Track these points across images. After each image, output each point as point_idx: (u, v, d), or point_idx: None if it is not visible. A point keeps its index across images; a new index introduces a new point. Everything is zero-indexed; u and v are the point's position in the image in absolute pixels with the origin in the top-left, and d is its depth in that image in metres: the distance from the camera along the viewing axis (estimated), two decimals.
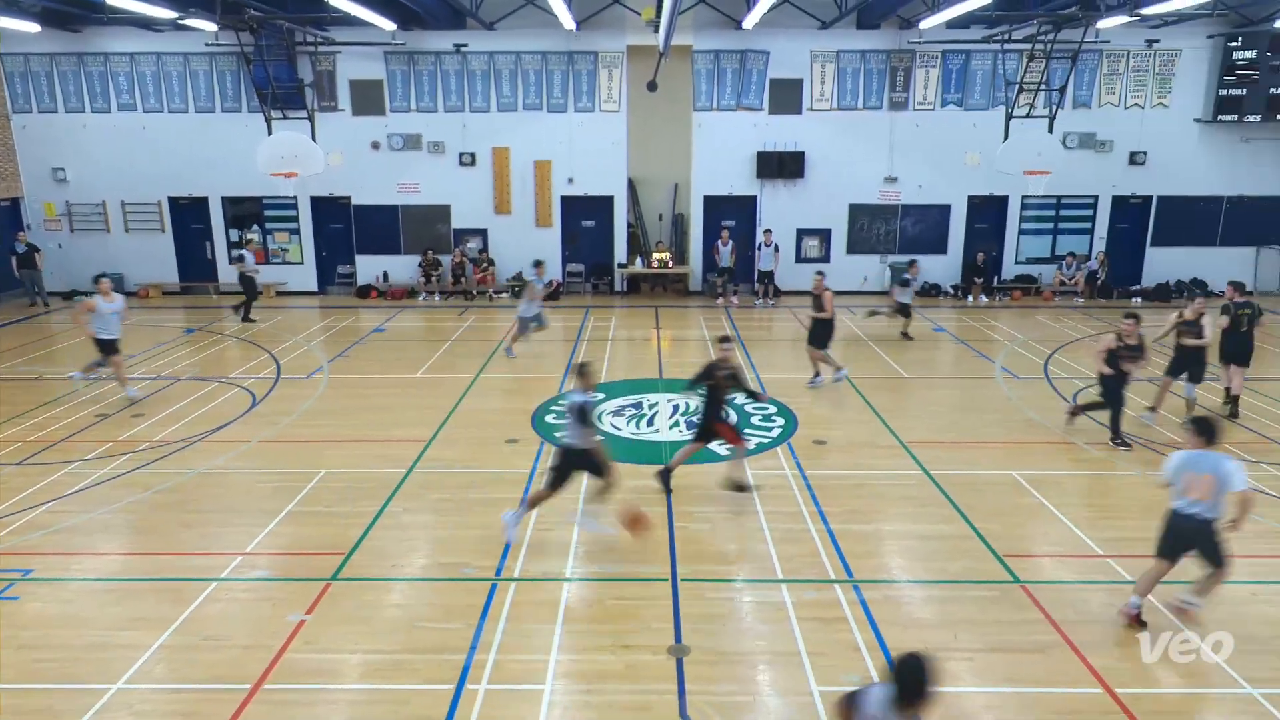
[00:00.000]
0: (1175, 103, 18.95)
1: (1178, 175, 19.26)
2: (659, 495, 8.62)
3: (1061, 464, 9.51)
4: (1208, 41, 18.50)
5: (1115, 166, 19.32)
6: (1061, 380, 12.83)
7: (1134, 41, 18.57)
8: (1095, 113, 19.05)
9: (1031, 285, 19.73)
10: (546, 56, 18.98)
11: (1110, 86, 18.98)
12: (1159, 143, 19.12)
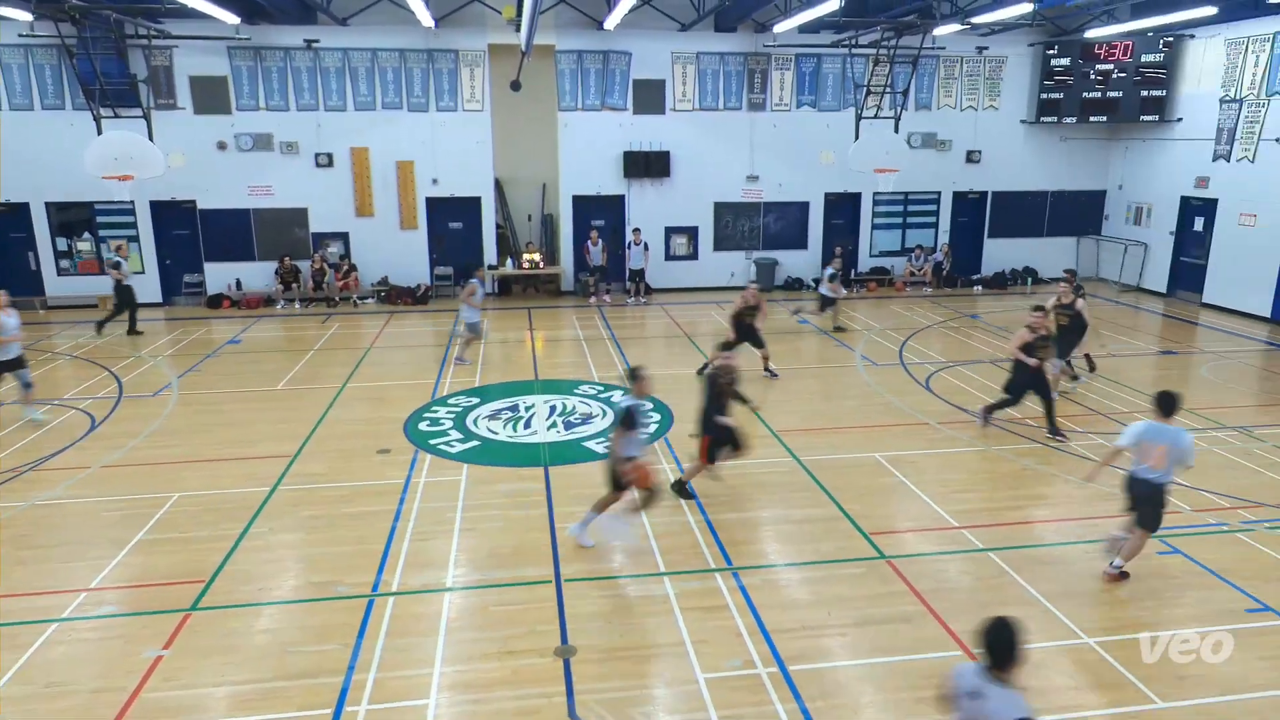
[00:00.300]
0: (1004, 105, 20.52)
1: (1008, 172, 20.87)
2: (537, 495, 8.57)
3: (917, 444, 10.12)
4: (1029, 49, 20.13)
5: (954, 164, 20.72)
6: (915, 365, 13.64)
7: (966, 48, 19.98)
8: (935, 114, 20.36)
9: (885, 277, 20.88)
10: (405, 54, 18.45)
11: (948, 90, 20.33)
12: (991, 142, 20.66)
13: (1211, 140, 18.00)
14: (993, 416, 10.55)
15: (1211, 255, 18.17)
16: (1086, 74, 19.51)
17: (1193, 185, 18.63)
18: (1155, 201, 19.85)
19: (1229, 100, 17.51)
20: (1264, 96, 16.70)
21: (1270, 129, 16.58)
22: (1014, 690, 3.73)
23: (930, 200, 21.06)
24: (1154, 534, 6.93)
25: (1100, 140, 20.96)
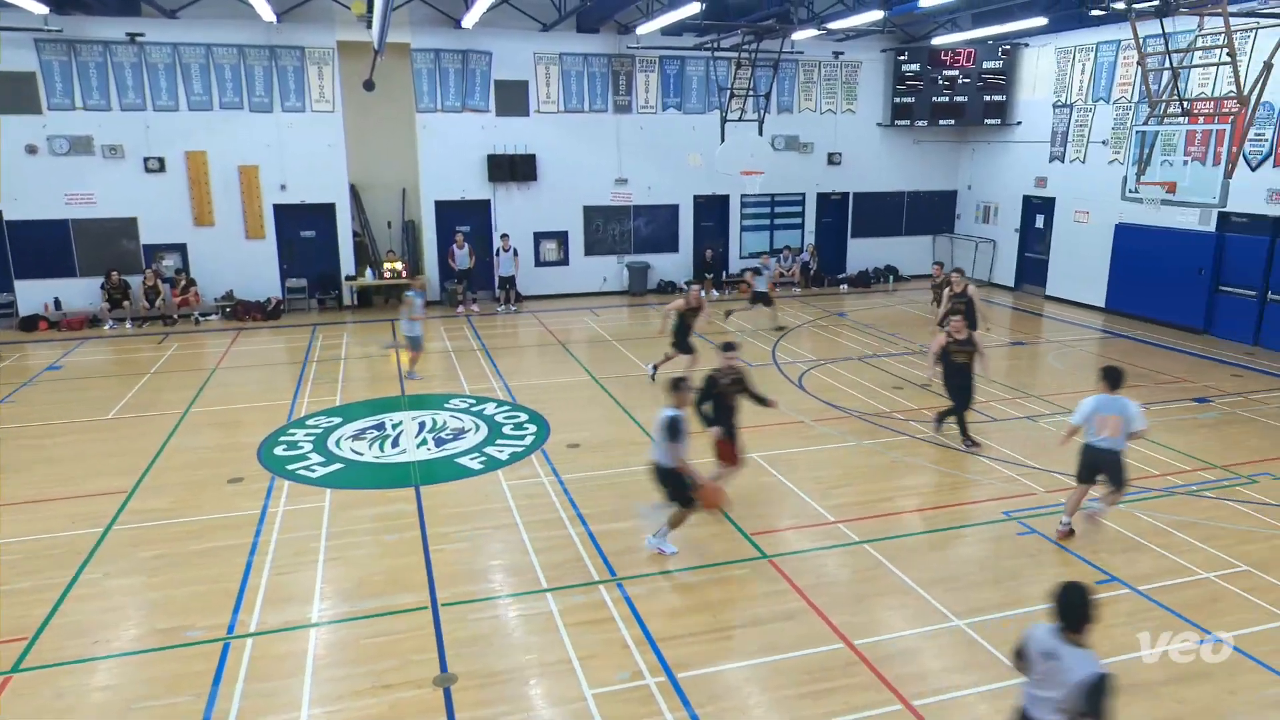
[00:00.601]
0: (861, 109, 21.63)
1: (868, 174, 22.01)
2: (408, 517, 8.32)
3: (793, 442, 10.48)
4: (881, 55, 21.33)
5: (817, 166, 21.66)
6: (788, 364, 14.14)
7: (824, 53, 20.94)
8: (797, 117, 21.22)
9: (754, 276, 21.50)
10: (244, 50, 17.51)
11: (808, 93, 21.24)
12: (851, 144, 21.73)
13: (1048, 143, 19.62)
14: (944, 424, 10.49)
15: (1052, 250, 19.79)
16: (935, 79, 20.85)
17: (1033, 185, 20.24)
18: (1001, 200, 21.44)
19: (1061, 105, 19.15)
20: (1091, 102, 18.36)
21: (1097, 132, 18.25)
22: (1086, 649, 4.03)
23: (795, 202, 21.90)
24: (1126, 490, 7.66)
25: (950, 142, 22.44)
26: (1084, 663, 3.95)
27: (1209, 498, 8.81)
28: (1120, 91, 17.62)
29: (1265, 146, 14.74)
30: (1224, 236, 15.64)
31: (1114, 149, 17.76)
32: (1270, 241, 14.86)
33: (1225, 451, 10.03)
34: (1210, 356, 14.50)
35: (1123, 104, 17.57)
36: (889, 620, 6.63)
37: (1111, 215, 17.58)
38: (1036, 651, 4.10)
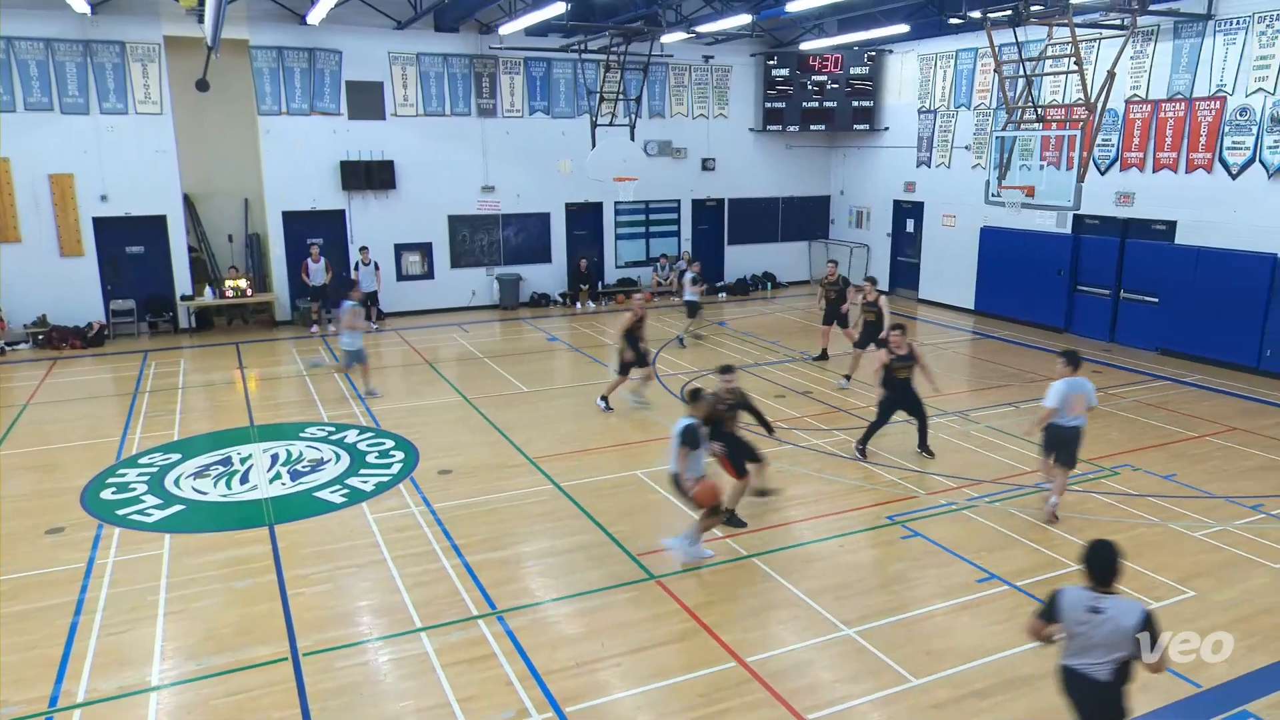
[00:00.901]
0: (733, 113, 22.29)
1: (742, 180, 22.68)
2: (262, 560, 7.90)
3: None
4: (751, 59, 22.07)
5: (691, 172, 22.14)
6: (669, 376, 14.34)
7: (694, 57, 21.46)
8: (670, 122, 21.64)
9: (633, 288, 21.78)
10: (52, 45, 16.31)
11: (679, 98, 21.71)
12: (724, 150, 22.34)
13: (915, 148, 20.80)
14: (867, 447, 10.59)
15: (923, 254, 20.95)
16: (804, 84, 21.75)
17: (902, 189, 21.40)
18: (873, 205, 22.55)
19: (926, 111, 20.36)
20: (953, 108, 19.60)
21: (960, 137, 19.49)
22: (1124, 598, 4.48)
23: (671, 209, 22.31)
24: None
25: (822, 148, 23.43)
26: (1129, 609, 4.44)
27: (1077, 491, 9.50)
28: (980, 98, 18.89)
29: (1112, 151, 16.14)
30: (1080, 238, 17.00)
31: (976, 154, 19.01)
32: (1120, 242, 16.26)
33: (1089, 446, 10.82)
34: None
35: (982, 110, 18.84)
36: (780, 634, 6.80)
37: (977, 219, 18.79)
38: (1078, 610, 4.49)
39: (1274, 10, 13.53)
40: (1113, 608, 4.44)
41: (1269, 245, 13.85)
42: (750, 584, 7.55)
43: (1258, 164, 13.95)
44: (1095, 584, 4.52)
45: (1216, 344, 14.62)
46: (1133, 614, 4.39)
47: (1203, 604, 7.15)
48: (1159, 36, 15.17)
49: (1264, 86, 13.74)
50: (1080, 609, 4.49)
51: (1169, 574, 7.60)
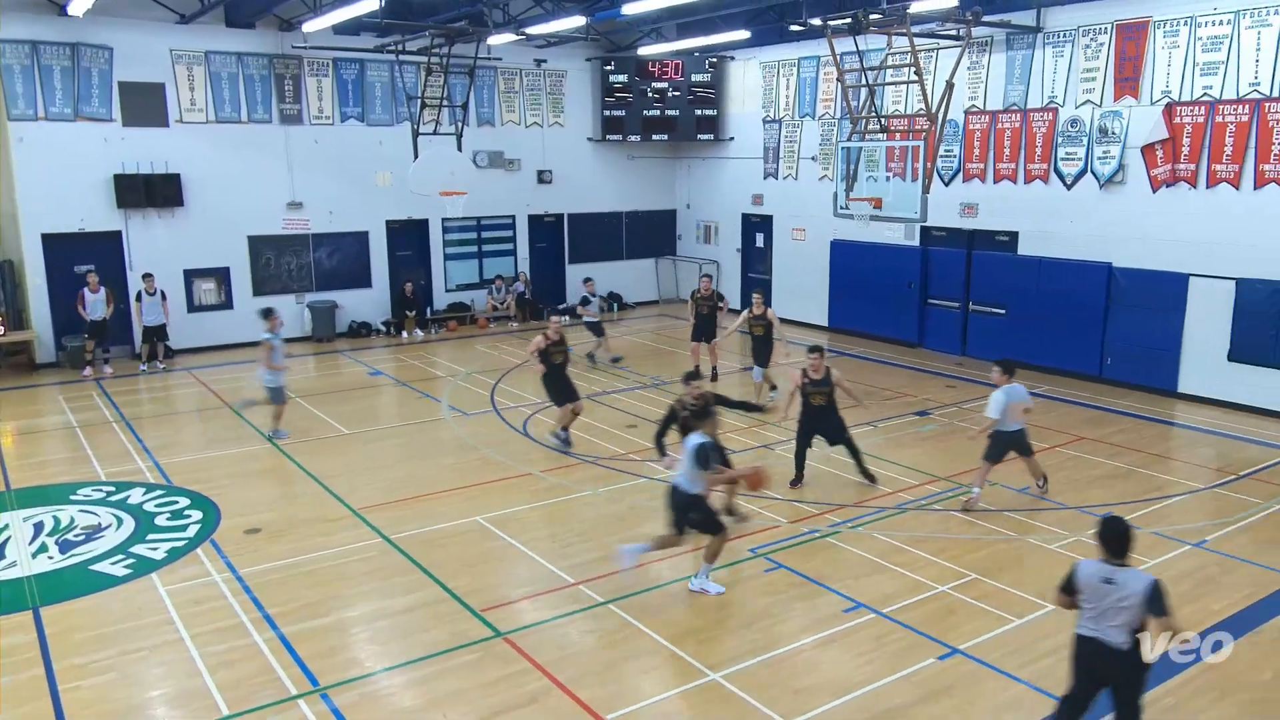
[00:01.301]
0: (569, 122, 22.54)
1: (582, 193, 22.93)
2: (26, 650, 7.21)
3: (522, 498, 10.55)
4: (587, 64, 22.42)
5: (526, 185, 22.18)
6: (510, 410, 14.22)
7: (525, 60, 21.58)
8: (500, 130, 21.62)
9: (465, 313, 21.52)
10: None
11: (510, 104, 21.74)
12: (561, 161, 22.53)
13: (761, 159, 21.70)
14: (803, 476, 10.86)
15: (774, 270, 21.83)
16: (644, 91, 22.29)
17: (750, 202, 22.26)
18: (721, 219, 23.33)
19: (770, 121, 21.31)
20: (798, 118, 20.62)
21: (806, 148, 20.51)
22: (1136, 569, 5.33)
23: (505, 225, 22.25)
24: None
25: (665, 159, 24.05)
26: (1140, 577, 5.28)
27: (938, 511, 10.10)
28: (824, 107, 19.97)
29: (954, 162, 17.43)
30: (928, 250, 18.21)
31: (823, 165, 20.05)
32: (967, 254, 17.54)
33: (948, 463, 11.58)
34: (925, 369, 16.72)
35: (827, 120, 19.92)
36: (641, 686, 6.83)
37: (826, 232, 19.79)
38: (1094, 580, 5.35)
39: (1097, 24, 15.06)
40: (1125, 578, 5.28)
41: (1104, 254, 15.30)
42: (607, 633, 7.56)
43: (1090, 175, 15.42)
44: (1110, 556, 5.38)
45: (1061, 353, 15.97)
46: (1143, 582, 5.24)
47: (1062, 616, 7.71)
48: (993, 48, 16.57)
49: (1091, 99, 15.24)
50: (1096, 580, 5.35)
51: (1028, 589, 8.19)
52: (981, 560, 8.84)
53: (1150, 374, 14.83)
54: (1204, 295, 14.09)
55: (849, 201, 14.92)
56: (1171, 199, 14.40)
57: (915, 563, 8.78)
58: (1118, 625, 5.27)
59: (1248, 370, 13.72)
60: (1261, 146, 13.27)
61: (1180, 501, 10.41)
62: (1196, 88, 13.93)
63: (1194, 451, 12.35)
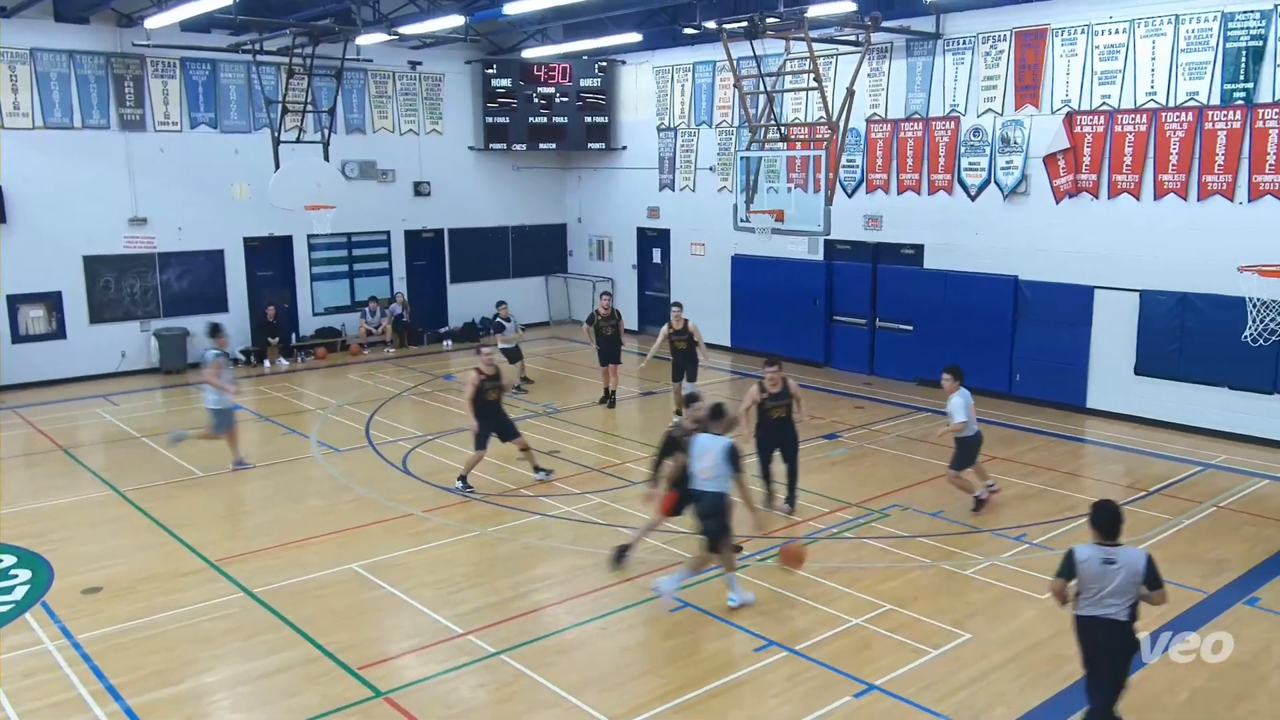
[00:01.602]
0: (449, 130, 22.38)
1: (463, 207, 22.77)
2: None
3: (402, 541, 10.35)
4: (467, 67, 22.34)
5: (402, 198, 21.91)
6: (387, 445, 13.95)
7: (399, 63, 21.36)
8: (372, 138, 21.32)
9: (336, 339, 21.05)
10: None
11: (382, 110, 21.46)
12: (441, 172, 22.34)
13: (656, 169, 21.97)
14: (773, 488, 11.04)
15: (672, 287, 22.06)
16: (530, 97, 22.33)
17: (646, 216, 22.48)
18: (615, 234, 23.48)
19: (665, 129, 21.61)
20: (694, 126, 20.97)
21: (704, 158, 20.87)
22: (1130, 547, 6.11)
23: (379, 242, 21.90)
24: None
25: (554, 169, 24.11)
26: (1137, 555, 6.06)
27: (849, 539, 10.32)
28: (721, 115, 20.37)
29: (857, 173, 18.00)
30: (832, 265, 18.71)
31: (722, 176, 20.42)
32: (872, 268, 18.09)
33: (858, 487, 11.86)
34: (833, 390, 17.12)
35: (725, 128, 20.32)
36: None
37: (727, 246, 20.12)
38: (1095, 564, 6.02)
39: (996, 31, 15.82)
40: (1123, 555, 6.02)
41: (1010, 267, 16.00)
42: (500, 686, 7.46)
43: (993, 185, 16.13)
44: (1104, 538, 6.07)
45: (969, 370, 16.28)
46: (1140, 559, 6.01)
47: (979, 645, 8.00)
48: (893, 54, 17.22)
49: (993, 107, 15.97)
50: (1096, 563, 6.02)
51: (944, 618, 8.43)
52: (896, 590, 9.06)
53: (1059, 390, 15.53)
54: (1109, 308, 14.86)
55: (749, 214, 15.21)
56: (1074, 210, 15.18)
57: (827, 595, 8.94)
58: (1119, 602, 5.99)
59: (1154, 384, 14.51)
60: (1160, 157, 14.12)
61: None
62: (1095, 97, 14.75)
63: (1105, 468, 12.97)
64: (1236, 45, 13.24)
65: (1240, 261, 10.67)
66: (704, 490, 8.50)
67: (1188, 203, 13.91)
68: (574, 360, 20.04)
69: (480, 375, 11.81)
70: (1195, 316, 13.84)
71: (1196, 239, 13.73)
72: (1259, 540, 10.20)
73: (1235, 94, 13.31)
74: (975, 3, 15.76)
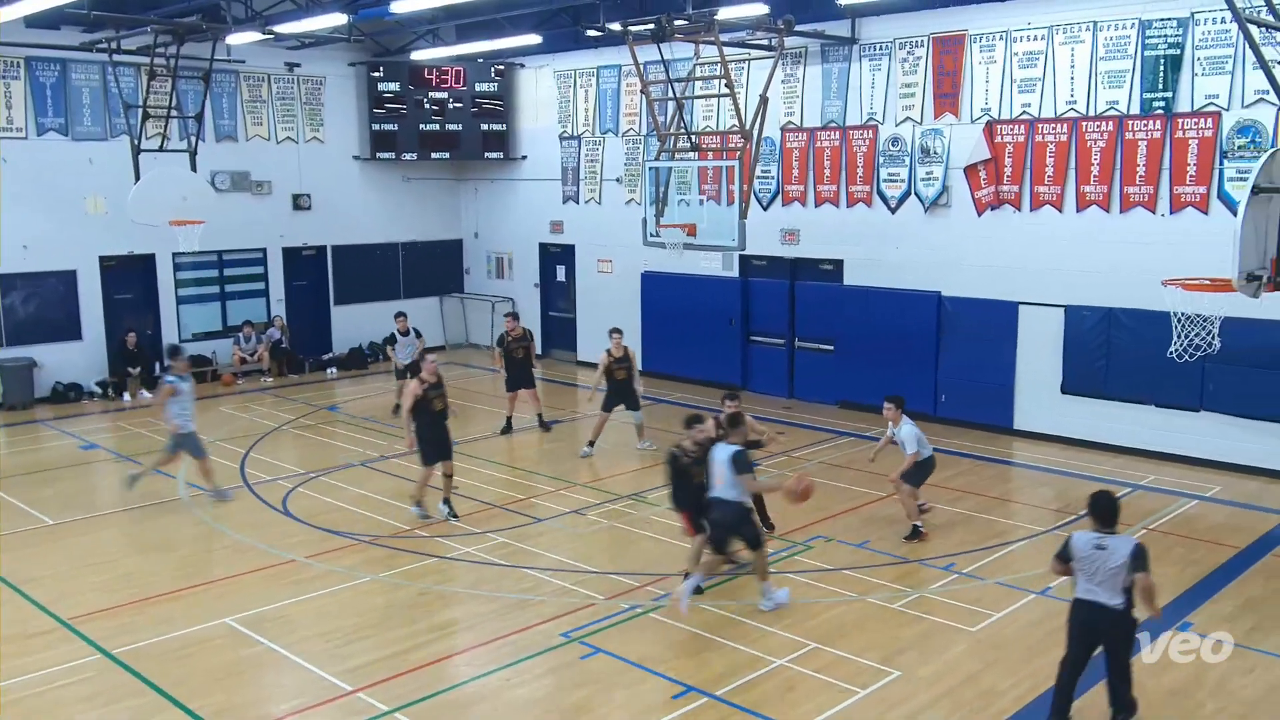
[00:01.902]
0: (331, 138, 22.11)
1: (348, 222, 22.48)
2: None
3: (284, 591, 10.12)
4: (351, 70, 22.12)
5: (279, 212, 21.53)
6: (265, 485, 13.63)
7: (274, 64, 21.05)
8: (245, 147, 20.93)
9: (207, 368, 20.52)
10: None
11: (257, 116, 21.10)
12: (323, 184, 22.03)
13: (559, 180, 22.03)
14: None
15: (579, 308, 22.10)
16: (420, 102, 22.20)
17: (548, 230, 22.51)
18: (515, 250, 23.45)
19: (568, 137, 21.70)
20: (599, 134, 21.11)
21: (610, 168, 21.01)
22: (1123, 535, 7.08)
23: (254, 260, 21.49)
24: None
25: (448, 181, 23.99)
26: (1127, 542, 6.99)
27: (772, 574, 10.42)
28: (628, 122, 20.56)
29: (772, 184, 18.34)
30: (749, 282, 18.99)
31: (629, 187, 20.58)
32: (789, 285, 18.42)
33: (780, 519, 11.99)
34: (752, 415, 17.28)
35: (632, 137, 20.51)
36: None
37: (636, 263, 20.27)
38: (1087, 548, 6.98)
39: (914, 37, 16.34)
40: (1114, 542, 6.92)
41: (933, 283, 16.46)
42: None
43: (914, 197, 16.61)
44: (1100, 525, 7.02)
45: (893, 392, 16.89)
46: (1129, 545, 6.92)
47: (909, 683, 8.15)
48: (808, 60, 17.63)
49: (912, 116, 16.46)
50: (1089, 547, 6.96)
51: (872, 655, 8.58)
52: (820, 627, 9.18)
53: (986, 411, 16.00)
54: (1034, 325, 15.41)
55: (659, 228, 15.37)
56: (997, 222, 15.72)
57: (749, 635, 9.02)
58: (1110, 586, 6.86)
59: (1081, 403, 15.07)
60: (1081, 167, 14.74)
61: (1022, 547, 11.23)
62: (1016, 105, 15.33)
63: (1034, 492, 13.39)
64: (1155, 54, 13.93)
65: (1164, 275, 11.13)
66: (719, 498, 9.39)
67: (1110, 215, 14.54)
68: (472, 387, 19.89)
69: (423, 384, 11.92)
70: (1121, 332, 14.43)
71: (1120, 252, 14.34)
72: (1189, 563, 10.64)
73: (1155, 103, 13.99)
74: (892, 7, 16.24)
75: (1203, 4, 13.27)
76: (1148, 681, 7.94)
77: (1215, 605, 9.59)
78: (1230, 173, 13.42)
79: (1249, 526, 11.73)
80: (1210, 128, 13.54)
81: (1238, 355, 12.40)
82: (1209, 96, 13.55)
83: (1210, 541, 11.28)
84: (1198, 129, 13.65)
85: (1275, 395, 13.23)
